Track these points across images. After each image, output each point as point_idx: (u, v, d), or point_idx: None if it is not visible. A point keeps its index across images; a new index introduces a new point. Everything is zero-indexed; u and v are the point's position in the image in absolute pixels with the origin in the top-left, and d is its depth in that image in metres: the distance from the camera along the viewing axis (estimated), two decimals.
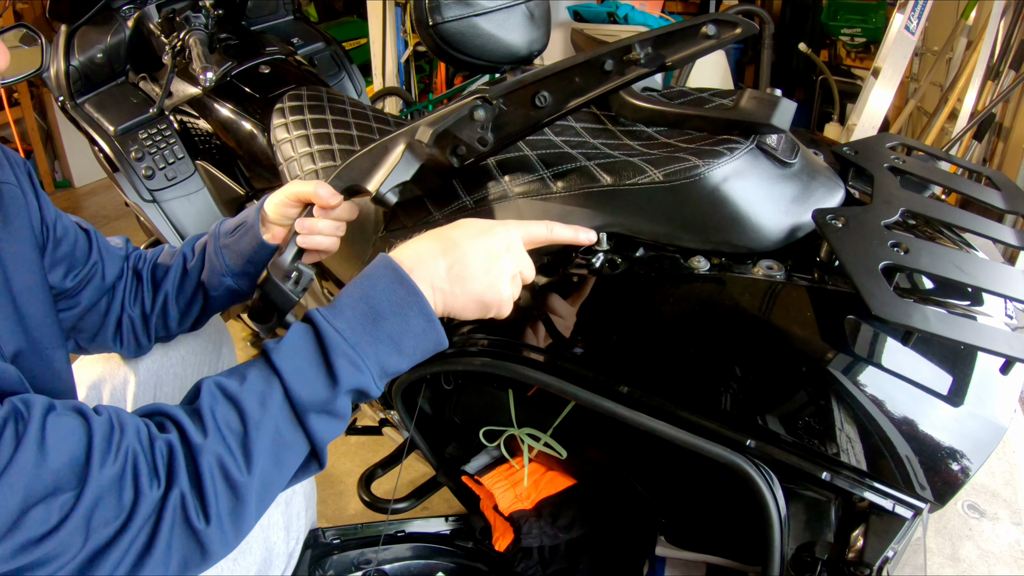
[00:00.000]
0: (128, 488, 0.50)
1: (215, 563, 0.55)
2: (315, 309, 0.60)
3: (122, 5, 1.51)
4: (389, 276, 0.61)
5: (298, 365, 0.57)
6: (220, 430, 0.54)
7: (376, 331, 0.59)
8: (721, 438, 0.67)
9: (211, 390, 0.56)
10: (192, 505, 0.51)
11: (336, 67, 1.79)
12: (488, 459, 1.10)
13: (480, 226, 0.67)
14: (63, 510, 0.48)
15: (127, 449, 0.51)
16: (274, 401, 0.55)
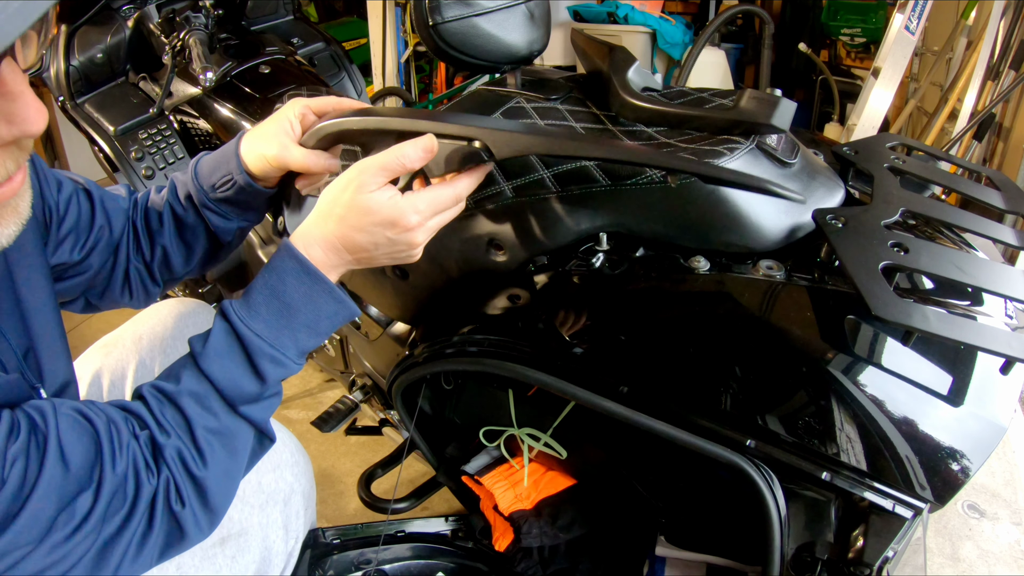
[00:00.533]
0: (131, 480, 0.55)
1: (192, 546, 0.61)
2: (230, 307, 0.63)
3: (122, 5, 1.51)
4: (296, 270, 0.64)
5: (225, 368, 0.61)
6: (174, 429, 0.59)
7: (292, 323, 0.64)
8: (721, 438, 0.67)
9: (153, 394, 0.61)
10: (173, 492, 0.58)
11: (336, 67, 1.78)
12: (488, 459, 1.10)
13: (366, 215, 0.65)
14: (84, 509, 0.52)
15: (127, 444, 0.56)
16: (211, 401, 0.61)
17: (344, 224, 0.65)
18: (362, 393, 1.32)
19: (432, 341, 0.88)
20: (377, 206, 0.64)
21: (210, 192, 0.80)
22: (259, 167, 0.77)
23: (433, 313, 0.94)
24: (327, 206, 0.66)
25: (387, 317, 1.14)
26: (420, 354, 0.88)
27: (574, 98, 0.95)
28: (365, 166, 0.65)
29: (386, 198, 0.64)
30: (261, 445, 0.67)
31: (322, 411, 1.31)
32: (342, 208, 0.65)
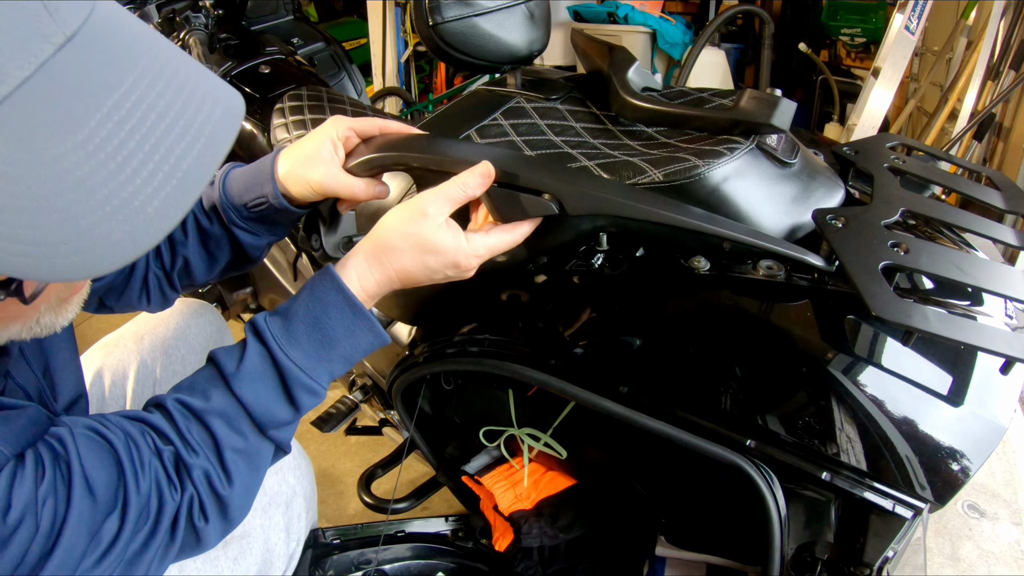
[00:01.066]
0: (155, 498, 0.55)
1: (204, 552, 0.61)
2: (267, 330, 0.61)
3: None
4: (341, 304, 0.63)
5: (259, 393, 0.60)
6: (202, 448, 0.58)
7: (331, 355, 0.63)
8: (721, 438, 0.67)
9: (179, 409, 0.59)
10: (196, 508, 0.57)
11: (336, 67, 1.78)
12: (488, 459, 1.10)
13: (428, 252, 0.65)
14: (111, 533, 0.52)
15: (149, 462, 0.55)
16: (241, 424, 0.60)
17: (406, 258, 0.65)
18: (362, 393, 1.32)
19: (432, 341, 0.88)
20: (443, 247, 0.64)
21: (242, 211, 0.77)
22: (299, 191, 0.74)
23: (433, 313, 0.94)
24: (388, 236, 0.65)
25: (387, 317, 1.14)
26: (420, 354, 0.88)
27: (574, 98, 0.95)
28: (431, 199, 0.65)
29: (451, 238, 0.64)
30: (275, 456, 0.67)
31: (322, 411, 1.31)
32: (406, 242, 0.64)
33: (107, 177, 0.37)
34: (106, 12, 0.41)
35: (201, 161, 0.40)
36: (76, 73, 0.37)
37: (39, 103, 0.35)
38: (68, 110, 0.36)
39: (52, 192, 0.35)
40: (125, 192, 0.37)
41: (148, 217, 0.38)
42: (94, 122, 0.37)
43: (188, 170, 0.39)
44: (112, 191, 0.37)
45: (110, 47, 0.39)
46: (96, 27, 0.39)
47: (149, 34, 0.44)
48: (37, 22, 0.36)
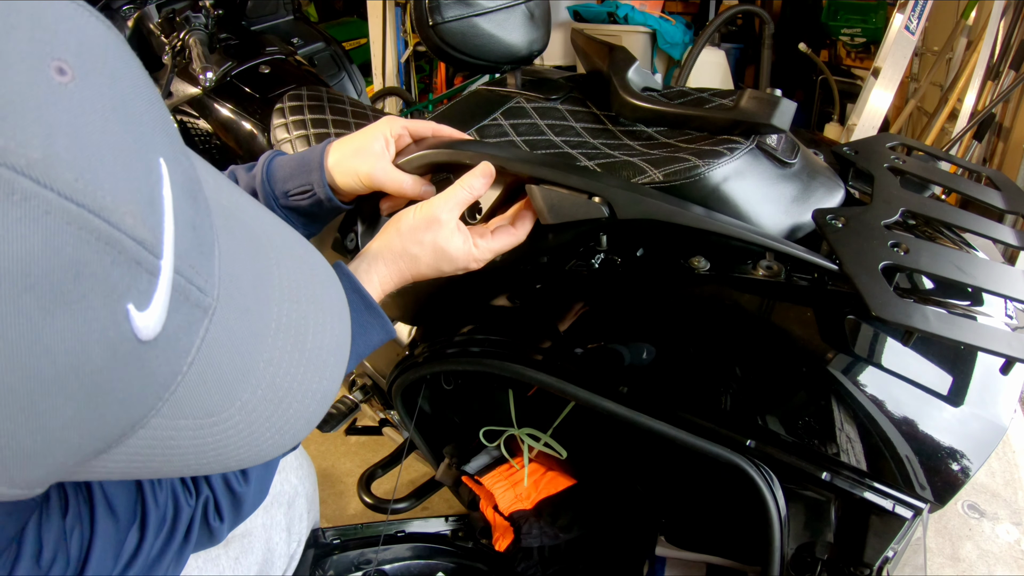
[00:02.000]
0: (171, 507, 0.57)
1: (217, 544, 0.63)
2: None
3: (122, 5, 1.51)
4: (357, 303, 0.64)
5: None
6: None
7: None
8: (721, 438, 0.67)
9: None
10: (212, 509, 0.60)
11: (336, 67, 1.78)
12: (488, 459, 1.10)
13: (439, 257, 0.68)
14: (132, 547, 0.54)
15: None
16: None
17: (422, 264, 0.67)
18: (362, 393, 1.32)
19: (432, 341, 0.88)
20: (456, 253, 0.67)
21: (281, 198, 0.76)
22: (346, 182, 0.74)
23: (433, 313, 0.94)
24: (404, 243, 0.67)
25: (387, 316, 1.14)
26: (420, 354, 0.88)
27: (574, 98, 0.95)
28: (441, 205, 0.67)
29: (462, 243, 0.67)
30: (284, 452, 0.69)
31: None
32: (422, 249, 0.67)
33: (268, 416, 0.38)
34: (224, 229, 0.36)
35: (332, 378, 0.41)
36: (231, 334, 0.34)
37: (208, 376, 0.34)
38: (233, 374, 0.35)
39: (224, 438, 0.36)
40: (280, 422, 0.39)
41: (295, 433, 0.40)
42: (255, 378, 0.36)
43: (324, 390, 0.41)
44: (271, 423, 0.38)
45: (247, 290, 0.36)
46: (227, 264, 0.35)
47: (261, 232, 0.41)
48: (197, 307, 0.32)
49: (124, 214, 0.27)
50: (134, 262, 0.28)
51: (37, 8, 0.28)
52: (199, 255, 0.32)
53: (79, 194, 0.25)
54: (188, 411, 0.34)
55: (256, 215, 0.42)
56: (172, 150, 0.32)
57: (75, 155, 0.26)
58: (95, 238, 0.26)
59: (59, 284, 0.25)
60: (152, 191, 0.29)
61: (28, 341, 0.25)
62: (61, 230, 0.25)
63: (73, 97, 0.27)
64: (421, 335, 0.94)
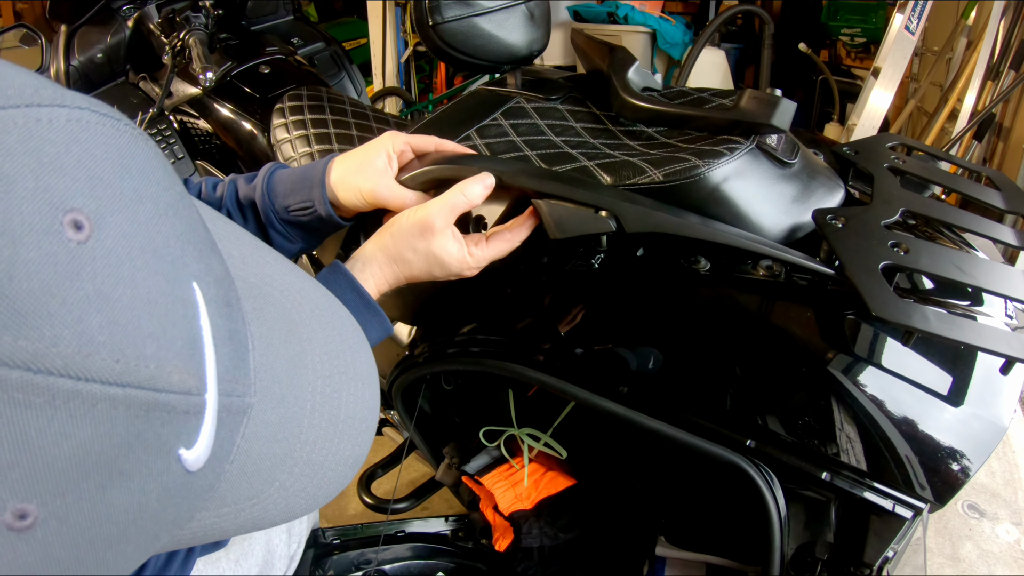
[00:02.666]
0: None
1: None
2: None
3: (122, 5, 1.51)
4: (355, 301, 0.65)
5: None
6: None
7: None
8: (721, 438, 0.67)
9: None
10: None
11: (336, 67, 1.79)
12: (488, 459, 1.10)
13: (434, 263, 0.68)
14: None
15: None
16: None
17: (415, 268, 0.68)
18: None
19: (432, 341, 0.88)
20: (449, 260, 0.67)
21: (282, 212, 0.76)
22: (349, 199, 0.74)
23: (433, 313, 0.94)
24: (398, 248, 0.67)
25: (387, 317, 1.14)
26: (420, 354, 0.88)
27: (574, 98, 0.95)
28: (436, 211, 0.67)
29: (456, 250, 0.68)
30: None
31: None
32: (416, 255, 0.67)
33: (303, 487, 0.38)
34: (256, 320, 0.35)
35: (362, 443, 0.41)
36: (268, 426, 0.34)
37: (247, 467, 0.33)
38: (270, 463, 0.34)
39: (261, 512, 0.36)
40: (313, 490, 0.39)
41: (325, 495, 0.40)
42: (292, 461, 0.36)
43: (356, 456, 0.41)
44: (306, 492, 0.38)
45: (281, 377, 0.35)
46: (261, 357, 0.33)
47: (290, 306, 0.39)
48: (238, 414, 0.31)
49: (169, 373, 0.26)
50: (183, 413, 0.27)
51: (32, 135, 0.24)
52: (237, 366, 0.31)
53: (123, 376, 0.24)
54: (230, 500, 0.33)
55: (285, 284, 0.40)
56: (201, 260, 0.30)
57: (111, 333, 0.24)
58: (144, 411, 0.25)
59: (113, 462, 0.25)
60: (191, 329, 0.28)
61: (88, 519, 0.25)
62: (109, 416, 0.24)
63: (97, 258, 0.24)
64: (421, 335, 0.94)
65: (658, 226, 0.67)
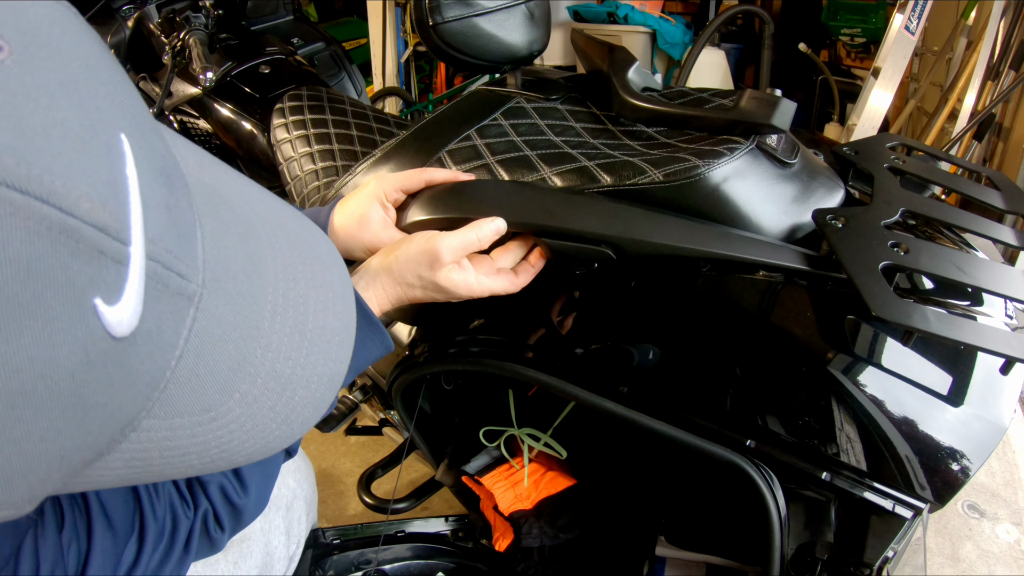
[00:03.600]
0: (169, 519, 0.56)
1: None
2: None
3: (122, 5, 1.51)
4: (359, 318, 0.64)
5: None
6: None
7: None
8: (721, 438, 0.67)
9: None
10: (211, 520, 0.59)
11: (336, 67, 1.79)
12: (488, 459, 1.10)
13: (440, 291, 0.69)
14: (130, 559, 0.53)
15: (162, 485, 0.57)
16: None
17: (418, 292, 0.69)
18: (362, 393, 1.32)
19: (432, 341, 0.88)
20: (453, 288, 0.68)
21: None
22: (353, 252, 0.76)
23: (433, 313, 0.94)
24: (404, 274, 0.68)
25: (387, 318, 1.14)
26: (420, 354, 0.88)
27: (574, 98, 0.95)
28: (447, 245, 0.67)
29: (462, 279, 0.68)
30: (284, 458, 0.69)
31: None
32: (420, 283, 0.68)
33: (271, 405, 0.36)
34: (207, 209, 0.33)
35: (338, 360, 0.40)
36: (222, 324, 0.32)
37: (200, 369, 0.31)
38: (228, 366, 0.33)
39: (226, 432, 0.34)
40: (285, 411, 0.37)
41: (303, 421, 0.38)
42: (253, 368, 0.34)
43: (331, 373, 0.39)
44: (276, 413, 0.36)
45: (237, 272, 0.34)
46: (212, 248, 0.32)
47: (251, 210, 0.38)
48: (178, 295, 0.29)
49: (79, 199, 0.23)
50: (96, 251, 0.24)
51: None
52: (178, 242, 0.29)
53: (23, 180, 0.22)
54: (182, 409, 0.31)
55: (246, 192, 0.39)
56: (137, 127, 0.28)
57: (15, 137, 0.22)
58: (45, 228, 0.22)
59: (9, 287, 0.22)
60: (113, 172, 0.25)
61: None
62: (5, 223, 0.21)
63: (11, 74, 0.23)
64: (421, 335, 0.94)
65: (656, 249, 0.68)
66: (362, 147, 1.16)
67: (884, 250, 0.65)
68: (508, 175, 0.81)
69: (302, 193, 1.10)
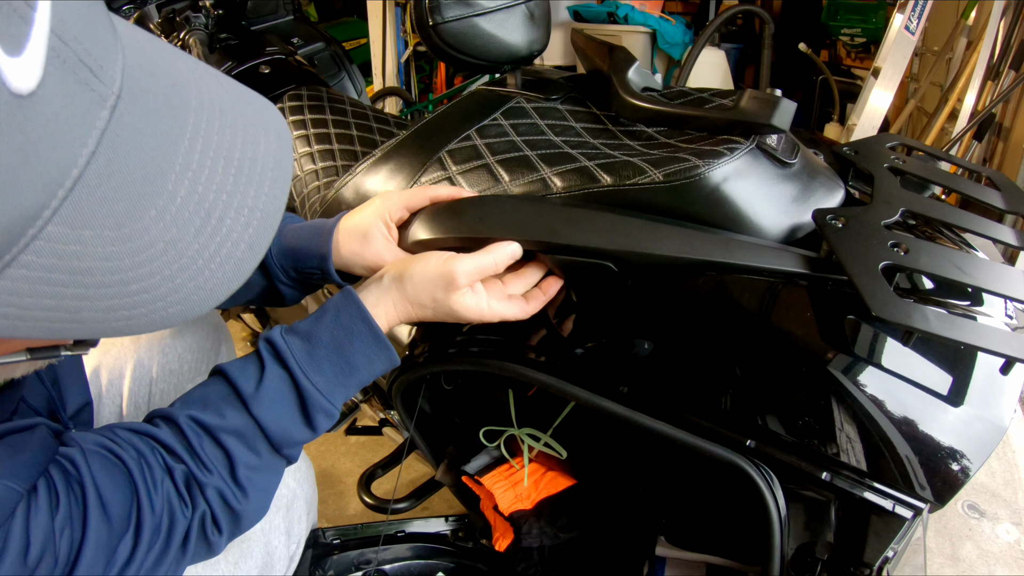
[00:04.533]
0: (166, 517, 0.56)
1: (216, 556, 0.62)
2: (289, 353, 0.62)
3: (122, 5, 1.51)
4: (365, 333, 0.65)
5: (278, 415, 0.61)
6: (216, 467, 0.58)
7: (349, 380, 0.65)
8: (721, 438, 0.67)
9: (191, 427, 0.59)
10: (209, 523, 0.58)
11: (336, 67, 1.79)
12: (488, 459, 1.10)
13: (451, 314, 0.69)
14: (125, 554, 0.53)
15: (161, 481, 0.56)
16: (257, 443, 0.60)
17: (429, 313, 0.69)
18: (362, 393, 1.32)
19: (432, 341, 0.88)
20: (466, 312, 0.68)
21: (289, 272, 0.78)
22: (357, 270, 0.76)
23: None
24: (417, 294, 0.68)
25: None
26: (420, 354, 0.88)
27: (574, 98, 0.95)
28: (463, 269, 0.67)
29: (474, 303, 0.68)
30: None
31: None
32: (433, 304, 0.68)
33: (196, 233, 0.35)
34: (134, 47, 0.35)
35: (273, 196, 0.39)
36: (138, 134, 0.33)
37: (111, 177, 0.31)
38: (142, 176, 0.33)
39: (146, 260, 0.33)
40: (214, 243, 0.36)
41: (237, 260, 0.37)
42: (171, 184, 0.34)
43: (264, 208, 0.38)
44: (202, 245, 0.35)
45: (158, 93, 0.35)
46: (134, 72, 0.34)
47: (180, 62, 0.39)
48: (87, 87, 0.30)
49: None
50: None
51: None
52: (90, 38, 0.30)
53: None
54: (92, 219, 0.30)
55: (184, 57, 0.39)
56: None
57: None
58: None
59: None
60: None
61: None
62: None
63: None
64: (421, 335, 0.94)
65: (658, 260, 0.68)
66: (362, 147, 1.15)
67: (884, 250, 0.65)
68: (508, 175, 0.81)
69: (302, 193, 1.10)
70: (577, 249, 0.69)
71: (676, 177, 0.71)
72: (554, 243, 0.70)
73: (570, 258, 0.70)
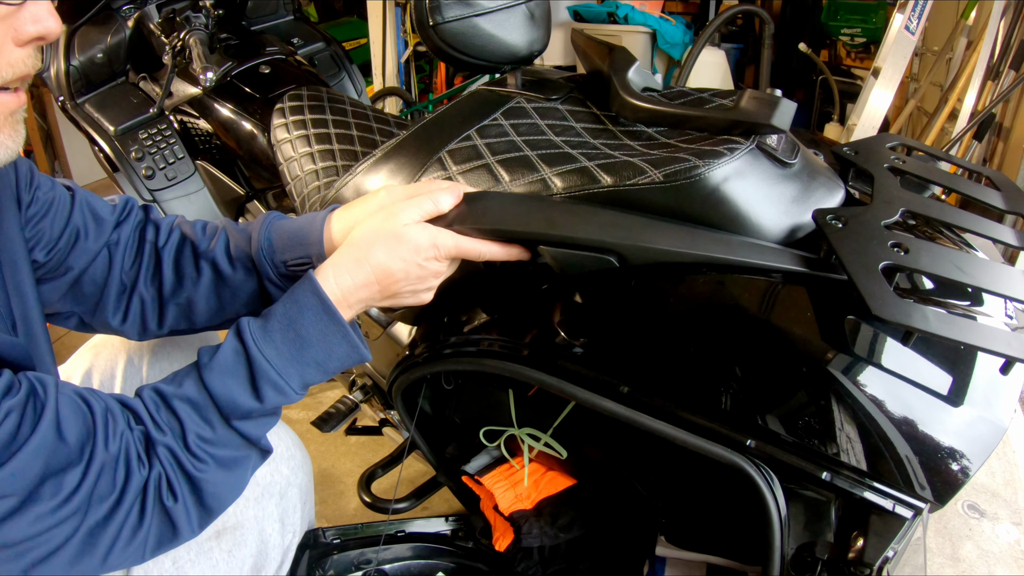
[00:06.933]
0: (122, 467, 0.57)
1: (184, 542, 0.62)
2: (247, 327, 0.64)
3: (122, 5, 1.51)
4: (316, 306, 0.65)
5: (227, 385, 0.62)
6: (169, 429, 0.61)
7: (303, 356, 0.65)
8: (721, 438, 0.67)
9: (151, 396, 0.62)
10: (164, 487, 0.59)
11: (336, 67, 1.78)
12: (488, 459, 1.10)
13: (401, 242, 0.68)
14: (72, 484, 0.54)
15: (121, 433, 0.58)
16: (207, 413, 0.62)
17: (380, 251, 0.68)
18: (362, 393, 1.32)
19: (432, 341, 0.88)
20: (415, 236, 0.68)
21: (280, 267, 0.78)
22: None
23: (433, 313, 0.94)
24: (361, 235, 0.68)
25: (387, 317, 1.14)
26: (420, 354, 0.88)
27: (574, 98, 0.95)
28: (402, 207, 0.69)
29: (422, 229, 0.69)
30: (260, 456, 0.69)
31: (322, 411, 1.31)
32: (378, 236, 0.68)
33: None
34: None
35: None
36: None
37: None
38: None
39: None
40: None
41: None
42: None
43: None
44: None
45: None
46: None
47: None
48: None
49: None
50: None
51: None
52: None
53: None
54: None
55: None
56: None
57: None
58: None
59: None
60: None
61: None
62: None
63: None
64: (421, 335, 0.94)
65: (659, 257, 0.68)
66: (362, 147, 1.16)
67: (884, 250, 0.65)
68: (508, 175, 0.81)
69: (302, 193, 1.10)
70: (580, 243, 0.69)
71: (676, 177, 0.71)
72: (557, 236, 0.70)
73: (573, 252, 0.70)
